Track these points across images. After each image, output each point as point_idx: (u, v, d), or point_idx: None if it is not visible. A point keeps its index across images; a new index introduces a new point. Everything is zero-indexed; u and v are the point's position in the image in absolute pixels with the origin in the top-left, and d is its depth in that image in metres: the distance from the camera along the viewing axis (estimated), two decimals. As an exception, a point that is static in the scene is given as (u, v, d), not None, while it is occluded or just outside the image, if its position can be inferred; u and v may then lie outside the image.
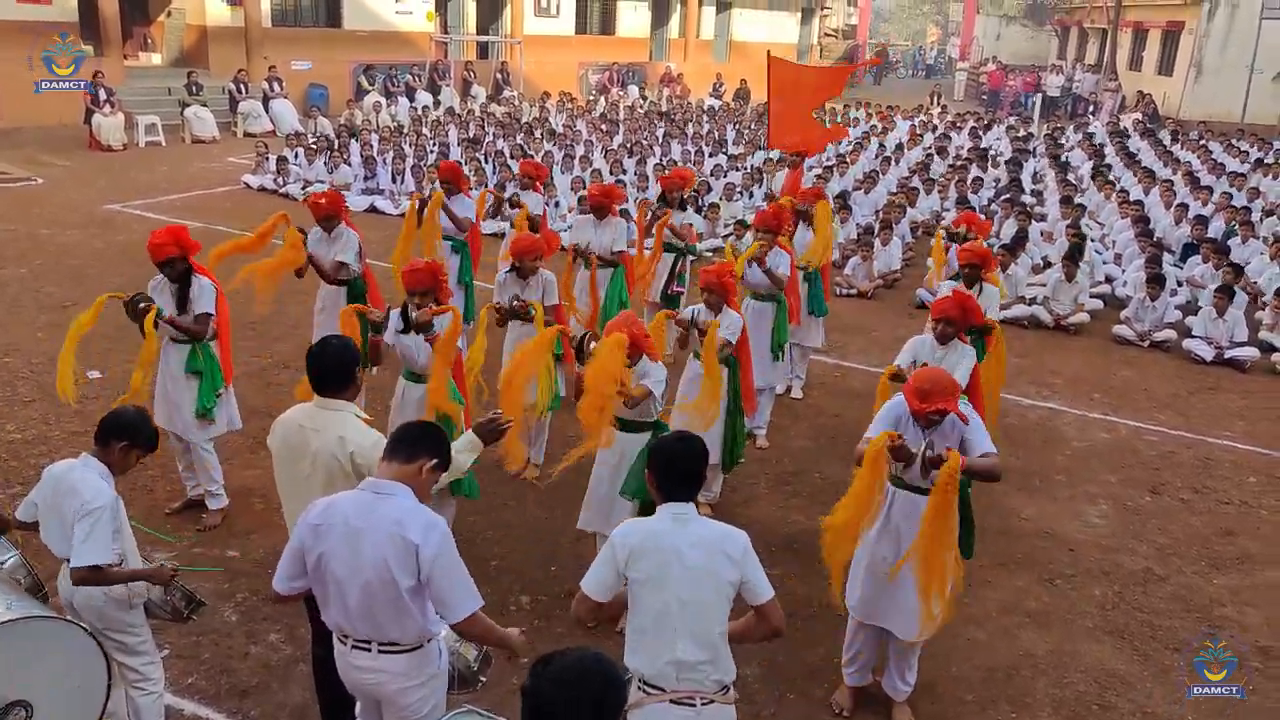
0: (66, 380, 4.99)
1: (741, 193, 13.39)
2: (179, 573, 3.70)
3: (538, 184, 8.36)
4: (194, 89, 18.27)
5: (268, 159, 14.65)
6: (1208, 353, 9.23)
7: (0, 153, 15.45)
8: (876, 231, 11.50)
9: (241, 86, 19.12)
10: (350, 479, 3.30)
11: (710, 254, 11.60)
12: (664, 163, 14.66)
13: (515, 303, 5.72)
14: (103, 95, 16.54)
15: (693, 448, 3.06)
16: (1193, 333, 9.53)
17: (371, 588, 2.79)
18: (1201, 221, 12.18)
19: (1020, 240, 10.83)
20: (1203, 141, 19.56)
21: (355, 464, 3.36)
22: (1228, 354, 9.16)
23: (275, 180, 14.19)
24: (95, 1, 18.10)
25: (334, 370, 3.45)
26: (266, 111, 19.23)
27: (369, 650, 2.90)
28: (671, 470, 3.01)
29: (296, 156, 14.74)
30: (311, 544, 2.84)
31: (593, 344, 4.60)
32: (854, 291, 10.72)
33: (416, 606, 2.84)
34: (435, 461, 2.91)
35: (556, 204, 12.20)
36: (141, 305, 5.11)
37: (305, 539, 2.86)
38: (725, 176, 14.06)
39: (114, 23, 18.21)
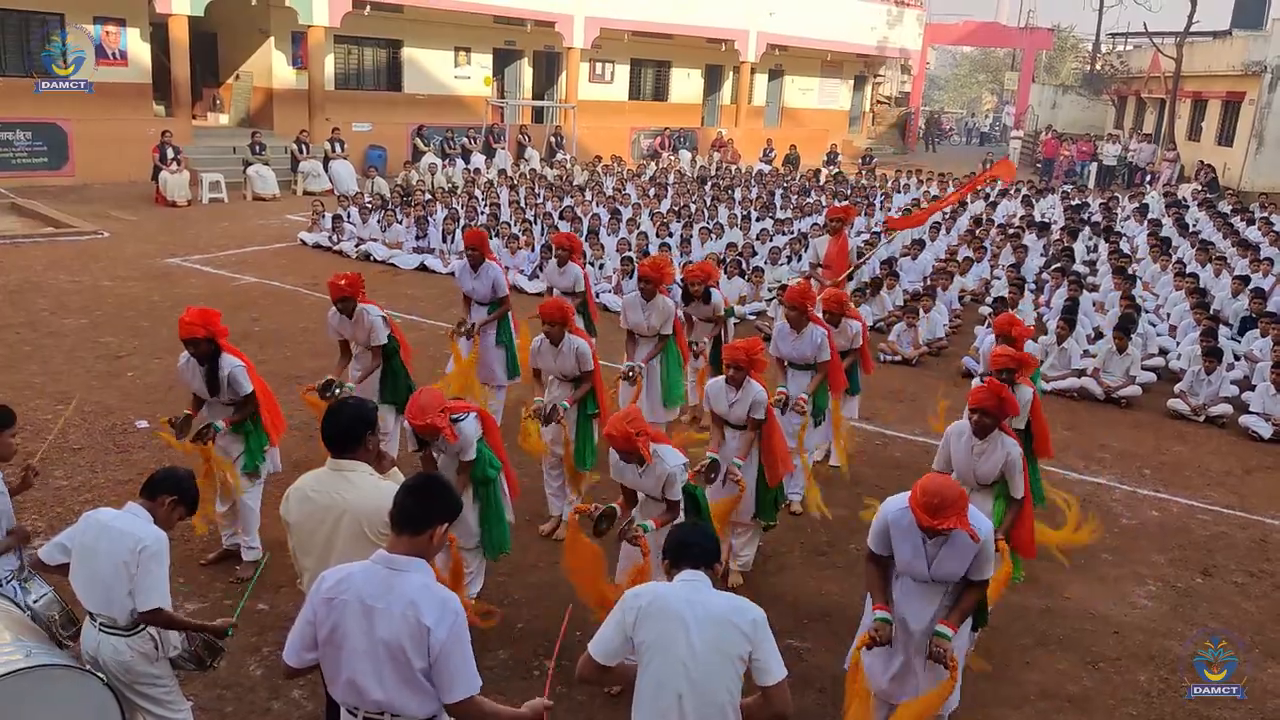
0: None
1: (789, 257, 13.41)
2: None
3: (575, 255, 8.11)
4: (257, 148, 18.92)
5: (323, 217, 15.05)
6: (1266, 429, 8.92)
7: (71, 207, 16.08)
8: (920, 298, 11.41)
9: (303, 146, 19.75)
10: (369, 543, 3.30)
11: (753, 316, 11.63)
12: (711, 226, 14.76)
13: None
14: (170, 153, 17.20)
15: (697, 531, 3.28)
16: (1250, 409, 9.22)
17: (386, 666, 2.77)
18: (1260, 295, 11.88)
19: (1071, 310, 10.65)
20: (1265, 214, 19.16)
21: (373, 529, 3.37)
22: (1287, 431, 8.85)
23: (330, 238, 14.56)
24: (168, 65, 18.97)
25: (347, 431, 3.52)
26: (326, 171, 19.83)
27: None
28: (674, 549, 3.15)
29: (349, 215, 15.12)
30: (324, 617, 2.81)
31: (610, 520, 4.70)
32: (898, 358, 10.61)
33: (430, 684, 2.81)
34: (447, 525, 2.90)
35: (601, 265, 12.33)
36: (201, 429, 5.34)
37: (318, 612, 2.83)
38: (771, 240, 14.10)
39: (184, 86, 19.02)
